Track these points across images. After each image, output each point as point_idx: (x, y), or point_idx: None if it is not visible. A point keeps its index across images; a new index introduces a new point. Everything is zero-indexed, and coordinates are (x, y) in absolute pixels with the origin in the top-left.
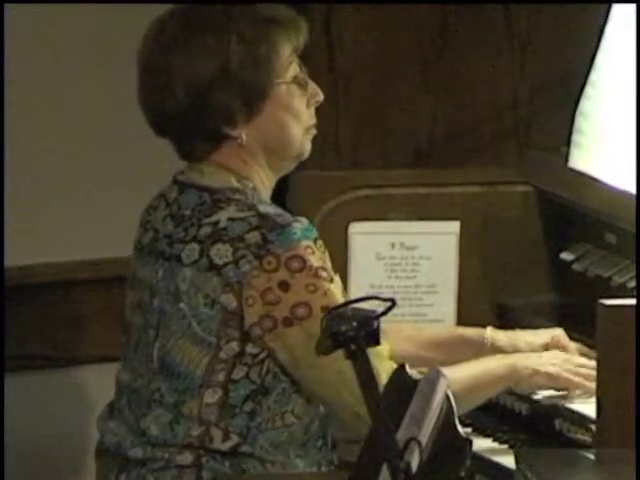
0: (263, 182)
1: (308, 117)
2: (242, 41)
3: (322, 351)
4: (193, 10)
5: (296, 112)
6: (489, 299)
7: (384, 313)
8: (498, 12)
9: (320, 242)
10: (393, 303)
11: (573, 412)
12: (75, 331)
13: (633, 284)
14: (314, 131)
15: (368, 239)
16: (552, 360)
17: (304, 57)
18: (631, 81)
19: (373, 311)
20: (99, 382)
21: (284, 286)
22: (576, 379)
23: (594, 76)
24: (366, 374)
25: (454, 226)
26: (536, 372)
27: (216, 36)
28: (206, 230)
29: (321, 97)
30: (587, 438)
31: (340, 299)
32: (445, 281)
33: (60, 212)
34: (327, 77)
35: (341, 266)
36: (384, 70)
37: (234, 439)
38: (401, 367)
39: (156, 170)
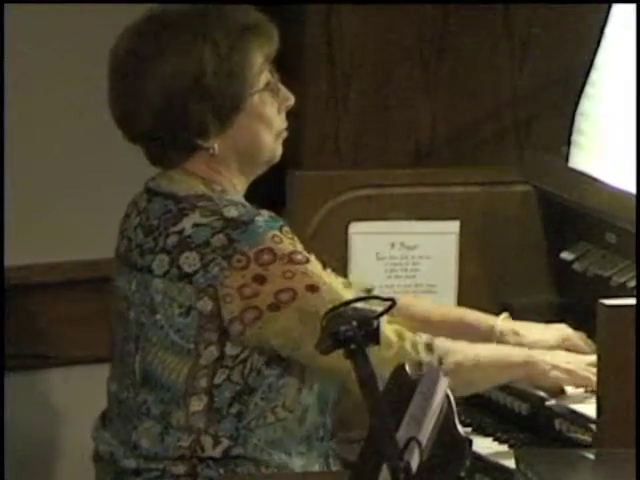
0: (235, 186)
1: (280, 123)
2: (216, 51)
3: (322, 351)
4: (168, 15)
5: (268, 120)
6: (489, 299)
7: (384, 313)
8: (498, 12)
9: (286, 228)
10: (393, 303)
11: (573, 412)
12: (75, 331)
13: (633, 284)
14: (285, 134)
15: (368, 239)
16: (567, 358)
17: (304, 57)
18: (631, 81)
19: (373, 311)
20: (98, 382)
21: (259, 279)
22: (593, 377)
23: (594, 76)
24: (366, 374)
25: (454, 226)
26: (555, 367)
27: (190, 45)
28: (173, 239)
29: (292, 101)
30: (587, 438)
31: (322, 274)
32: (445, 281)
33: (60, 212)
34: (327, 77)
35: (341, 266)
36: (384, 70)
37: (224, 443)
38: (401, 367)
39: (156, 171)
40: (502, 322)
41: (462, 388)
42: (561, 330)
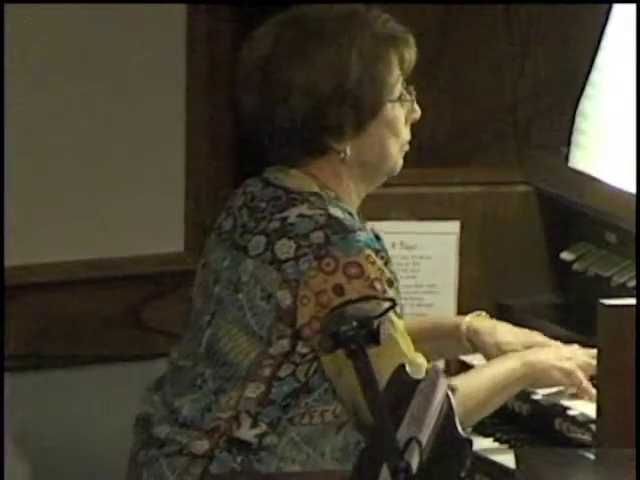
0: (350, 195)
1: (406, 134)
2: (362, 58)
3: (323, 350)
4: (308, 19)
5: (397, 130)
6: (489, 299)
7: (384, 313)
8: (498, 12)
9: (382, 254)
10: (393, 303)
11: (573, 412)
12: (75, 331)
13: (633, 284)
14: (407, 147)
15: None
16: (568, 354)
17: None
18: (631, 81)
19: (373, 311)
20: (98, 382)
21: (339, 290)
22: (585, 383)
23: (594, 76)
24: (366, 374)
25: (454, 226)
26: (552, 367)
27: (337, 51)
28: (275, 224)
29: (418, 114)
30: (587, 438)
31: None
32: (445, 281)
33: (60, 212)
34: None
35: None
36: None
37: (262, 427)
38: (401, 367)
39: (156, 170)
40: (472, 320)
41: (469, 421)
42: (530, 336)
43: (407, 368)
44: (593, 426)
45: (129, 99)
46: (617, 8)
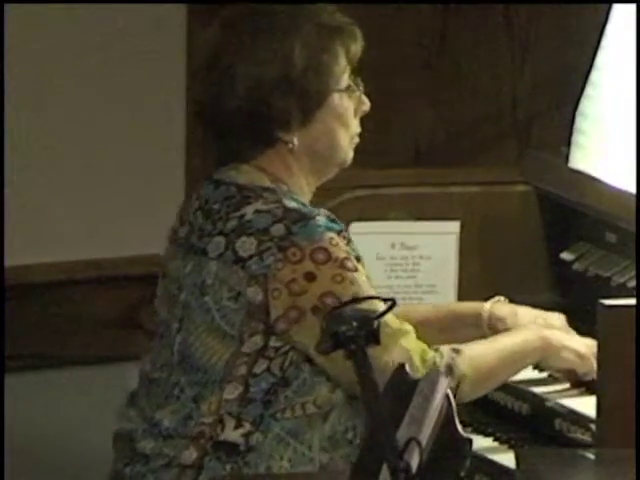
0: (302, 187)
1: (355, 126)
2: (306, 47)
3: (322, 351)
4: (256, 12)
5: (346, 121)
6: (489, 299)
7: (384, 313)
8: (498, 12)
9: (344, 234)
10: (393, 303)
11: (573, 412)
12: (74, 331)
13: (633, 284)
14: (357, 140)
15: (368, 239)
16: (586, 341)
17: None
18: (631, 81)
19: (373, 311)
20: (98, 382)
21: (310, 276)
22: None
23: (594, 76)
24: (366, 374)
25: (454, 226)
26: (565, 347)
27: (282, 40)
28: (232, 223)
29: (368, 106)
30: (587, 438)
31: (367, 287)
32: (445, 281)
33: (60, 212)
34: None
35: None
36: (384, 70)
37: (246, 427)
38: (401, 367)
39: (156, 171)
40: (492, 307)
41: (483, 392)
42: (551, 319)
43: (407, 368)
44: (593, 426)
45: (129, 99)
46: (617, 8)
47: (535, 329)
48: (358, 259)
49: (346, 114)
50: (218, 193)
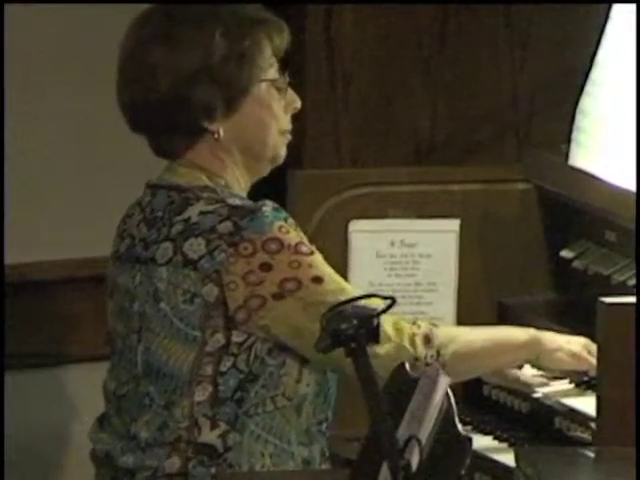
0: (238, 181)
1: (285, 122)
2: (226, 35)
3: (322, 349)
4: (177, 6)
5: (274, 113)
6: (489, 297)
7: (384, 311)
8: (498, 12)
9: (290, 220)
10: (393, 301)
11: (573, 410)
12: (75, 330)
13: (633, 282)
14: (289, 137)
15: (368, 237)
16: (580, 341)
17: (304, 57)
18: (631, 79)
19: (373, 309)
20: (97, 381)
21: (266, 267)
22: (591, 360)
23: (594, 74)
24: (366, 372)
25: (454, 224)
26: (560, 348)
27: (200, 29)
28: (178, 227)
29: (299, 104)
30: (587, 436)
31: (326, 266)
32: (445, 279)
33: (60, 211)
34: (327, 77)
35: (341, 264)
36: (384, 69)
37: (222, 427)
38: (401, 365)
39: (156, 170)
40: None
41: (464, 375)
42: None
43: (407, 367)
44: (593, 424)
45: None
46: (617, 8)
47: (530, 330)
48: (310, 242)
49: (273, 106)
50: (158, 200)
